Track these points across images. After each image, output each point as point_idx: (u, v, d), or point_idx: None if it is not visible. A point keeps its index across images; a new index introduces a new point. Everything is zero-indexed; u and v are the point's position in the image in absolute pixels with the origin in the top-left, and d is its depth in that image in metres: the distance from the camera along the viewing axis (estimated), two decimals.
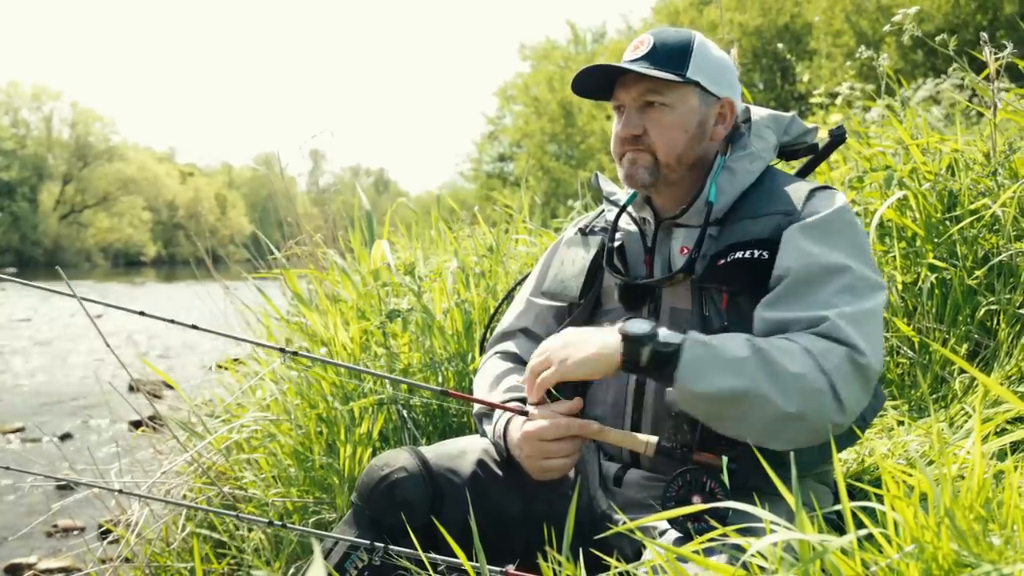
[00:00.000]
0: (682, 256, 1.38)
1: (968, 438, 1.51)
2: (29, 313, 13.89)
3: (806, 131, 1.49)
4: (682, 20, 20.11)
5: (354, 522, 1.36)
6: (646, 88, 1.36)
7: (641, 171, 1.38)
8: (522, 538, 1.36)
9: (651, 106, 1.36)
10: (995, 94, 2.17)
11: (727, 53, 1.50)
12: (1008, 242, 2.00)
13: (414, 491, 1.33)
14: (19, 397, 6.54)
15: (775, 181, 1.39)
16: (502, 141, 28.57)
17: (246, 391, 2.60)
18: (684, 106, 1.36)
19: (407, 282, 2.30)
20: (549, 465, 1.29)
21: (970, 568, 0.77)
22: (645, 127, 1.37)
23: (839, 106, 3.87)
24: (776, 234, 1.29)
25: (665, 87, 1.35)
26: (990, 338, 1.97)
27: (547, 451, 1.27)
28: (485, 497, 1.37)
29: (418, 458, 1.37)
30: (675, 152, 1.37)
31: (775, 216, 1.31)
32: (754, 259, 1.28)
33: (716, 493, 1.17)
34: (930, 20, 12.56)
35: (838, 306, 1.19)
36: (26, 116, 49.46)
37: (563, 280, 1.50)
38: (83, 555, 2.47)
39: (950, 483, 0.84)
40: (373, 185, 62.86)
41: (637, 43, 1.40)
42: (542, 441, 1.27)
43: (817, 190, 1.34)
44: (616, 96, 1.41)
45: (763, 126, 1.45)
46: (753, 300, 1.28)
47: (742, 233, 1.31)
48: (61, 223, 47.95)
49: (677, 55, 1.36)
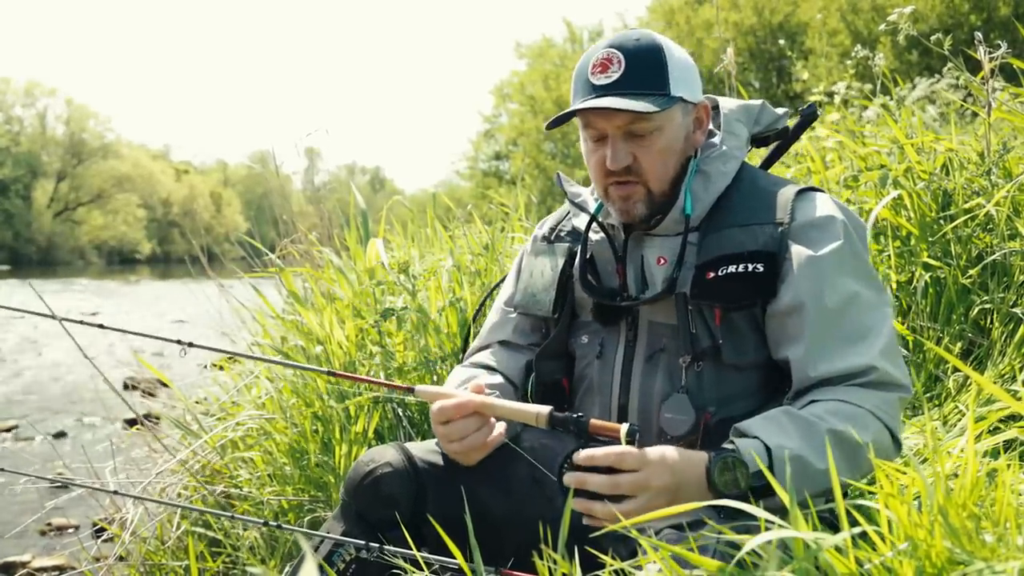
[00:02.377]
0: (660, 266, 1.33)
1: (962, 436, 1.52)
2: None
3: (777, 118, 1.42)
4: (677, 19, 20.11)
5: (342, 517, 1.36)
6: (632, 117, 1.24)
7: (638, 205, 1.30)
8: (512, 541, 1.34)
9: (637, 133, 1.27)
10: (990, 94, 2.17)
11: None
12: (1002, 241, 2.01)
13: (399, 486, 1.32)
14: (12, 395, 6.52)
15: (754, 182, 1.33)
16: (498, 139, 28.54)
17: (241, 389, 2.60)
18: (671, 125, 1.28)
19: (402, 280, 2.30)
20: (453, 449, 1.28)
21: (963, 566, 0.77)
22: (635, 155, 1.27)
23: (836, 105, 3.87)
24: (771, 245, 1.24)
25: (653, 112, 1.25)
26: (984, 337, 1.98)
27: (446, 434, 1.26)
28: (471, 495, 1.35)
29: (403, 454, 1.36)
30: (668, 177, 1.30)
31: (766, 226, 1.25)
32: (748, 272, 1.23)
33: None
34: (924, 20, 12.60)
35: (875, 344, 1.18)
36: (19, 113, 49.28)
37: (534, 294, 1.45)
38: (77, 553, 2.46)
39: (943, 481, 0.85)
40: (369, 183, 62.82)
41: (604, 61, 1.26)
42: (439, 425, 1.26)
43: (801, 193, 1.29)
44: (592, 124, 1.29)
45: (733, 120, 1.38)
46: (748, 316, 1.25)
47: (731, 244, 1.26)
48: (55, 220, 47.76)
49: (655, 72, 1.25)
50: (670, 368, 1.30)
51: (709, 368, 1.27)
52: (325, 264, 2.86)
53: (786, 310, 1.22)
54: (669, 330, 1.31)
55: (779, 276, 1.24)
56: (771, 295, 1.24)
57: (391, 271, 2.40)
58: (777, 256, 1.24)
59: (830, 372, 1.19)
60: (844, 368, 1.18)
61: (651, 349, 1.32)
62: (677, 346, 1.28)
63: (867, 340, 1.19)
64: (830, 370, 1.19)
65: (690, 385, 1.26)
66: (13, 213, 44.56)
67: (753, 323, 1.27)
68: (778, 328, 1.25)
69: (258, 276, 2.89)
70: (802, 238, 1.24)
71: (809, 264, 1.22)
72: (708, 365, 1.27)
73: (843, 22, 15.40)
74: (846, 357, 1.18)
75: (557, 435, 1.46)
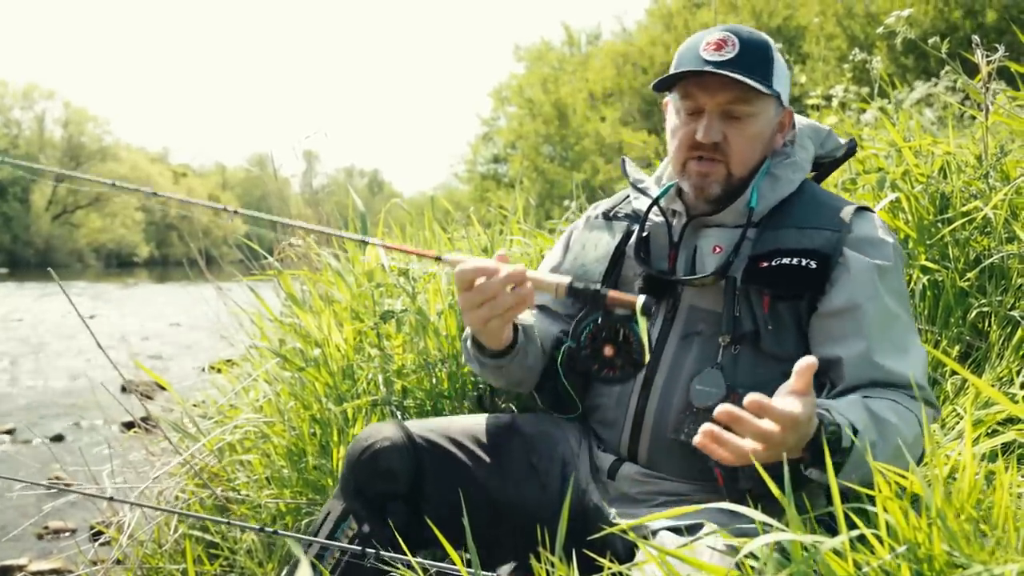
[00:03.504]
0: (714, 255, 1.35)
1: (960, 439, 1.52)
2: (21, 313, 13.83)
3: (839, 146, 1.48)
4: (675, 22, 20.13)
5: (341, 494, 1.39)
6: (735, 96, 1.30)
7: (714, 185, 1.34)
8: (508, 522, 1.36)
9: (734, 114, 1.31)
10: (987, 97, 2.18)
11: None
12: (999, 244, 2.01)
13: (397, 460, 1.35)
14: (10, 398, 6.51)
15: (814, 193, 1.39)
16: (496, 142, 28.53)
17: (239, 392, 2.59)
18: (765, 116, 1.34)
19: (401, 283, 2.30)
20: (479, 316, 1.19)
21: (962, 569, 0.77)
22: (726, 134, 1.31)
23: (834, 109, 3.88)
24: (826, 248, 1.28)
25: (754, 96, 1.30)
26: (981, 340, 1.98)
27: (469, 299, 1.19)
28: (467, 476, 1.38)
29: (402, 430, 1.39)
30: (750, 164, 1.35)
31: (823, 231, 1.30)
32: (802, 267, 1.27)
33: (632, 342, 1.14)
34: (918, 25, 12.63)
35: (918, 364, 1.23)
36: (18, 115, 49.21)
37: (584, 264, 1.46)
38: (74, 557, 2.45)
39: (942, 484, 0.85)
40: (367, 186, 62.84)
41: (719, 41, 1.30)
42: (463, 293, 1.20)
43: (860, 210, 1.35)
44: (693, 96, 1.32)
45: (805, 136, 1.44)
46: (793, 308, 1.28)
47: (787, 240, 1.30)
48: (53, 223, 47.69)
49: (763, 61, 1.31)
50: (704, 348, 1.31)
51: (746, 352, 1.29)
52: (323, 267, 2.85)
53: (839, 310, 1.25)
54: (710, 316, 1.33)
55: (829, 278, 1.27)
56: (820, 293, 1.27)
57: (390, 273, 2.40)
58: (831, 259, 1.28)
59: (888, 375, 1.21)
60: (899, 373, 1.21)
61: (687, 330, 1.34)
62: (714, 331, 1.30)
63: (911, 356, 1.24)
64: (888, 372, 1.21)
65: (725, 364, 1.28)
66: (11, 216, 44.50)
67: (797, 318, 1.30)
68: (827, 327, 1.27)
69: (256, 279, 2.89)
70: (858, 248, 1.29)
71: (866, 270, 1.26)
72: (746, 349, 1.29)
73: (839, 26, 15.44)
74: (900, 363, 1.22)
75: (557, 423, 1.47)
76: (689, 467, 1.29)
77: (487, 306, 1.18)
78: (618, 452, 1.39)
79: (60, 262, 44.52)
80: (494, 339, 1.30)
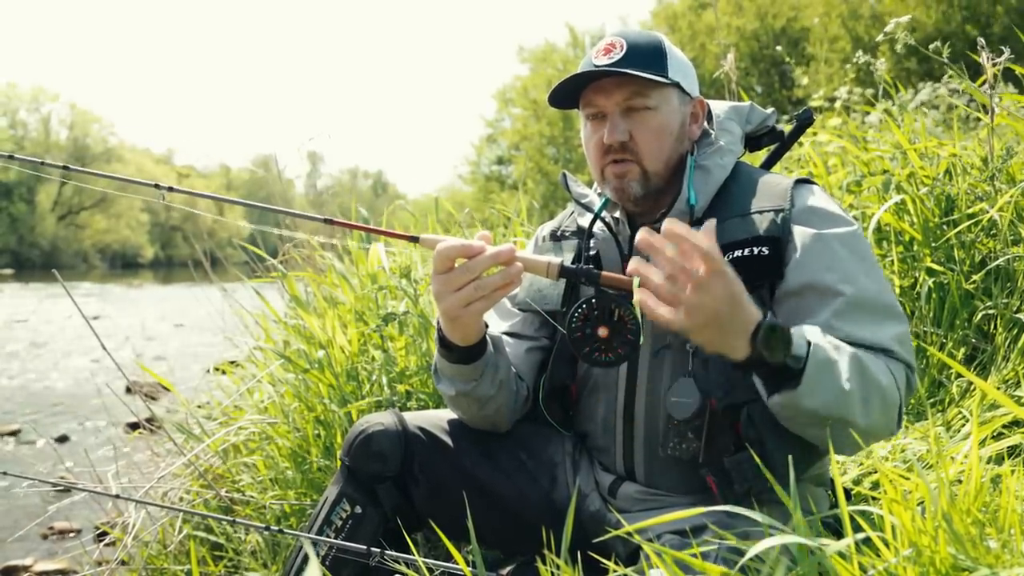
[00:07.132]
0: None
1: (965, 442, 1.51)
2: (26, 314, 13.87)
3: (766, 116, 1.46)
4: (680, 24, 20.14)
5: (339, 477, 1.44)
6: (631, 91, 1.30)
7: (632, 184, 1.32)
8: (497, 510, 1.38)
9: (635, 110, 1.31)
10: (992, 99, 2.17)
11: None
12: (1005, 246, 2.00)
13: (387, 443, 1.39)
14: (15, 399, 6.53)
15: (749, 175, 1.36)
16: (500, 144, 28.55)
17: (243, 393, 2.60)
18: (667, 107, 1.32)
19: (403, 285, 2.30)
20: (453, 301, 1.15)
21: (967, 572, 0.77)
22: (631, 132, 1.31)
23: (838, 110, 3.87)
24: (774, 230, 1.26)
25: (651, 89, 1.30)
26: (987, 342, 1.98)
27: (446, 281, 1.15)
28: (457, 463, 1.41)
29: (396, 416, 1.44)
30: (662, 157, 1.33)
31: (767, 213, 1.28)
32: (755, 256, 1.25)
33: (627, 323, 1.13)
34: (921, 29, 12.61)
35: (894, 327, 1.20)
36: (24, 117, 49.47)
37: (540, 288, 1.43)
38: (79, 558, 2.46)
39: (947, 487, 0.85)
40: (371, 187, 62.88)
41: (607, 47, 1.31)
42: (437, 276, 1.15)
43: (799, 183, 1.33)
44: (592, 102, 1.33)
45: (726, 119, 1.42)
46: (756, 299, 1.23)
47: (735, 232, 1.28)
48: (58, 224, 47.88)
49: (653, 56, 1.31)
50: (676, 360, 1.30)
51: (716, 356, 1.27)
52: (327, 269, 2.86)
53: (798, 288, 1.23)
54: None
55: (784, 260, 1.25)
56: (778, 277, 1.25)
57: (393, 276, 2.40)
58: (781, 240, 1.26)
59: (860, 340, 1.17)
60: (872, 339, 1.18)
61: (656, 345, 1.32)
62: (682, 341, 1.28)
63: (884, 318, 1.20)
64: (861, 339, 1.18)
65: (696, 371, 1.27)
66: (17, 217, 44.68)
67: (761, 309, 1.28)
68: (791, 307, 1.24)
69: (260, 280, 2.89)
70: (804, 222, 1.27)
71: (817, 243, 1.24)
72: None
73: (843, 28, 15.42)
74: (868, 329, 1.18)
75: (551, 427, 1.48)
76: (688, 481, 1.28)
77: (472, 286, 1.14)
78: (616, 471, 1.39)
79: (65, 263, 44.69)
80: (468, 331, 1.26)
